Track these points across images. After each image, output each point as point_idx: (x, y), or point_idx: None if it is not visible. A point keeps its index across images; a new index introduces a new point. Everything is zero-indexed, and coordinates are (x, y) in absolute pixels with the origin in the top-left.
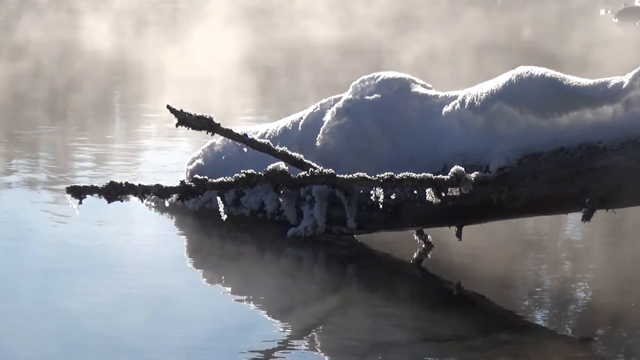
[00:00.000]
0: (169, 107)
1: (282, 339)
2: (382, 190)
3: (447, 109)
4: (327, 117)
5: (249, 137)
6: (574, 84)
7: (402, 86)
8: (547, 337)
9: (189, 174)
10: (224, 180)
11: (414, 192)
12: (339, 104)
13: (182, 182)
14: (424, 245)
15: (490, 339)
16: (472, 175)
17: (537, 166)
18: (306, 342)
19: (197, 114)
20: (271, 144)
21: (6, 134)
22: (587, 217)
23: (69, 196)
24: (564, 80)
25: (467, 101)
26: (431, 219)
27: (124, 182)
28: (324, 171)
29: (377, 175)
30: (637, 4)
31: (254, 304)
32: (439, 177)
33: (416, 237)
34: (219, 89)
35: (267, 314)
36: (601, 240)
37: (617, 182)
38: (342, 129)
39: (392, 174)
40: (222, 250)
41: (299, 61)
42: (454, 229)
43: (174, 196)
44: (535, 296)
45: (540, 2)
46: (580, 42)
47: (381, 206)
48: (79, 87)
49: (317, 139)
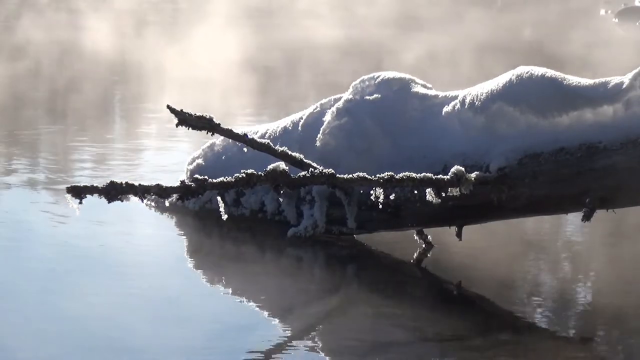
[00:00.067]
0: (169, 107)
1: (282, 339)
2: (382, 190)
3: (447, 109)
4: (327, 117)
5: (249, 137)
6: (574, 84)
7: (402, 86)
8: (547, 337)
9: (189, 173)
10: (224, 180)
11: (414, 192)
12: (339, 104)
13: (182, 182)
14: (424, 245)
15: (490, 339)
16: (472, 175)
17: (537, 166)
18: (306, 342)
19: (197, 114)
20: (271, 144)
21: (6, 133)
22: (587, 217)
23: (69, 196)
24: (564, 80)
25: (467, 101)
26: (431, 219)
27: (124, 182)
28: (324, 171)
29: (377, 175)
30: (637, 4)
31: (254, 304)
32: (439, 177)
33: (416, 237)
34: (220, 89)
35: (267, 314)
36: (601, 240)
37: (617, 182)
38: (342, 129)
39: (392, 174)
40: (222, 250)
41: (299, 61)
42: (454, 229)
43: (174, 196)
44: (535, 296)
45: (540, 2)
46: (580, 42)
47: (381, 206)
48: (79, 87)
49: (317, 139)
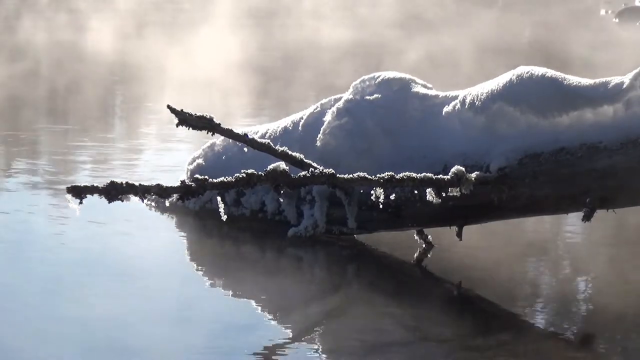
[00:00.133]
0: (169, 107)
1: (282, 339)
2: (382, 190)
3: (447, 109)
4: (328, 117)
5: (250, 137)
6: (575, 84)
7: (403, 86)
8: (547, 337)
9: (189, 173)
10: (225, 180)
11: (415, 192)
12: (340, 104)
13: (183, 182)
14: (424, 245)
15: (490, 339)
16: (473, 175)
17: (538, 166)
18: (306, 342)
19: (198, 114)
20: (271, 144)
21: (6, 134)
22: (587, 217)
23: (69, 196)
24: (565, 80)
25: (467, 101)
26: (431, 219)
27: (124, 182)
28: (324, 171)
29: (378, 175)
30: (638, 4)
31: (254, 304)
32: (439, 177)
33: (416, 237)
34: (220, 89)
35: (267, 314)
36: (601, 240)
37: (618, 182)
38: (343, 129)
39: (393, 174)
40: (222, 250)
41: (302, 62)
42: (455, 229)
43: (175, 196)
44: (535, 296)
45: (540, 2)
46: (580, 43)
47: (381, 206)
48: (79, 88)
49: (318, 139)
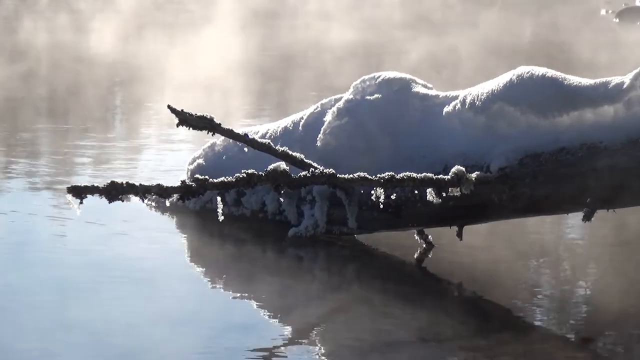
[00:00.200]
0: (169, 107)
1: (282, 339)
2: (382, 190)
3: (447, 109)
4: (328, 117)
5: (250, 137)
6: (575, 84)
7: (403, 86)
8: (547, 337)
9: (189, 173)
10: (225, 180)
11: (415, 192)
12: (340, 104)
13: (183, 182)
14: (424, 245)
15: (490, 339)
16: (473, 175)
17: (538, 166)
18: (306, 342)
19: (198, 114)
20: (272, 144)
21: (7, 134)
22: (587, 217)
23: (69, 196)
24: (565, 80)
25: (467, 101)
26: (432, 219)
27: (124, 181)
28: (324, 171)
29: (378, 175)
30: (638, 4)
31: (254, 304)
32: (439, 177)
33: (417, 237)
34: (221, 90)
35: (267, 314)
36: (602, 240)
37: (618, 182)
38: (343, 129)
39: (393, 174)
40: (222, 250)
41: (303, 63)
42: (455, 229)
43: (175, 196)
44: (535, 296)
45: (540, 2)
46: (580, 43)
47: (382, 206)
48: (80, 88)
49: (318, 139)
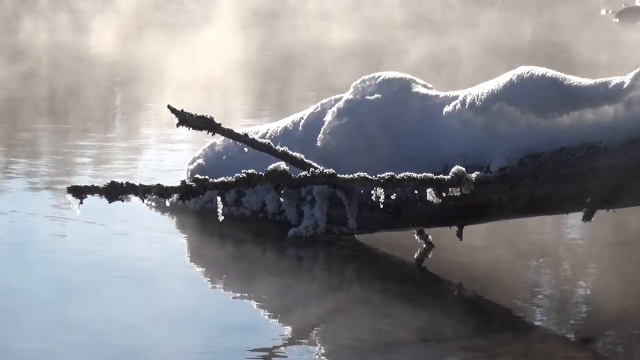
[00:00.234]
0: (169, 107)
1: (282, 339)
2: (382, 190)
3: (447, 109)
4: (328, 117)
5: (250, 137)
6: (575, 84)
7: (403, 86)
8: (547, 337)
9: (189, 173)
10: (225, 180)
11: (415, 192)
12: (340, 104)
13: (183, 181)
14: (424, 245)
15: (490, 339)
16: (473, 175)
17: (538, 166)
18: (306, 342)
19: (198, 114)
20: (272, 144)
21: (7, 134)
22: (587, 217)
23: (69, 196)
24: (565, 80)
25: (467, 101)
26: (432, 219)
27: (124, 181)
28: (324, 171)
29: (378, 175)
30: (638, 4)
31: (254, 303)
32: (439, 177)
33: (417, 237)
34: (222, 90)
35: (267, 314)
36: (602, 240)
37: (618, 182)
38: (343, 129)
39: (393, 174)
40: (222, 250)
41: (304, 63)
42: (455, 229)
43: (175, 196)
44: (535, 296)
45: (541, 2)
46: (580, 43)
47: (382, 206)
48: (80, 88)
49: (318, 139)
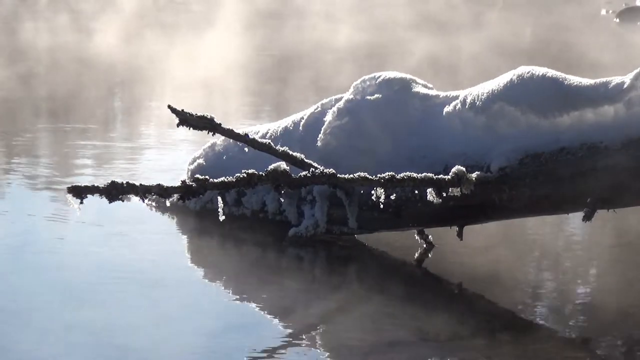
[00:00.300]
0: (170, 107)
1: (282, 339)
2: (383, 190)
3: (448, 109)
4: (328, 117)
5: (250, 137)
6: (575, 84)
7: (403, 86)
8: (547, 337)
9: (190, 173)
10: (225, 180)
11: (415, 192)
12: (340, 104)
13: (183, 182)
14: (424, 245)
15: (490, 339)
16: (473, 175)
17: (538, 166)
18: (306, 342)
19: (198, 114)
20: (272, 144)
21: (8, 134)
22: (588, 217)
23: (70, 196)
24: (565, 80)
25: (468, 101)
26: (432, 219)
27: (125, 181)
28: (325, 171)
29: (378, 175)
30: (639, 4)
31: (255, 303)
32: (440, 177)
33: (417, 237)
34: (223, 90)
35: (267, 314)
36: (602, 240)
37: (619, 182)
38: (343, 129)
39: (393, 174)
40: (223, 249)
41: (305, 64)
42: (455, 229)
43: (175, 196)
44: (535, 296)
45: (541, 2)
46: (580, 43)
47: (382, 206)
48: (80, 89)
49: (318, 139)
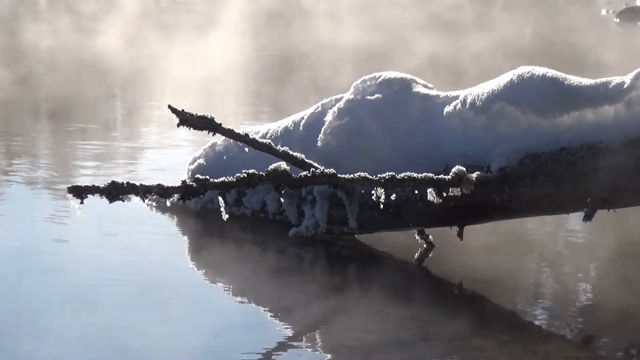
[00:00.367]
0: (170, 107)
1: (282, 339)
2: (383, 190)
3: (448, 109)
4: (329, 117)
5: (251, 137)
6: (575, 84)
7: (404, 86)
8: (547, 337)
9: (190, 173)
10: (226, 180)
11: (415, 192)
12: (340, 104)
13: (184, 182)
14: (425, 245)
15: (490, 339)
16: (474, 175)
17: (539, 166)
18: (307, 341)
19: (199, 114)
20: (272, 144)
21: (8, 134)
22: (588, 217)
23: (70, 196)
24: (565, 80)
25: (468, 101)
26: (432, 219)
27: (125, 181)
28: (325, 171)
29: (379, 175)
30: (639, 4)
31: (255, 303)
32: (440, 177)
33: (417, 237)
34: (224, 91)
35: (267, 314)
36: (602, 240)
37: (619, 182)
38: (344, 129)
39: (394, 174)
40: (223, 249)
41: (306, 64)
42: (455, 228)
43: (176, 196)
44: (535, 296)
45: (541, 2)
46: (580, 43)
47: (382, 206)
48: (81, 89)
49: (319, 138)
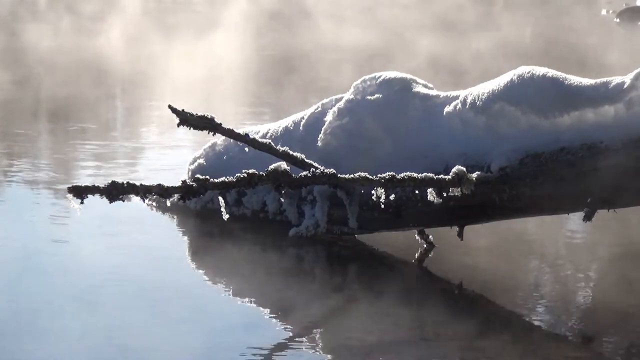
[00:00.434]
0: (170, 107)
1: (282, 339)
2: (383, 190)
3: (448, 109)
4: (329, 117)
5: (251, 137)
6: (576, 84)
7: (404, 86)
8: (547, 337)
9: (190, 173)
10: (226, 180)
11: (416, 192)
12: (341, 104)
13: (184, 181)
14: (425, 245)
15: (490, 339)
16: (474, 175)
17: (539, 166)
18: (307, 341)
19: (199, 113)
20: (272, 144)
21: (8, 134)
22: (588, 217)
23: (70, 196)
24: (566, 80)
25: (468, 101)
26: (432, 219)
27: (125, 181)
28: (325, 171)
29: (379, 175)
30: (639, 3)
31: (255, 303)
32: (440, 177)
33: (417, 237)
34: (224, 91)
35: (267, 314)
36: (602, 240)
37: (619, 182)
38: (344, 128)
39: (394, 174)
40: (223, 249)
41: (307, 64)
42: (455, 228)
43: (176, 196)
44: (536, 296)
45: (541, 2)
46: (580, 43)
47: (382, 206)
48: (81, 89)
49: (319, 138)
